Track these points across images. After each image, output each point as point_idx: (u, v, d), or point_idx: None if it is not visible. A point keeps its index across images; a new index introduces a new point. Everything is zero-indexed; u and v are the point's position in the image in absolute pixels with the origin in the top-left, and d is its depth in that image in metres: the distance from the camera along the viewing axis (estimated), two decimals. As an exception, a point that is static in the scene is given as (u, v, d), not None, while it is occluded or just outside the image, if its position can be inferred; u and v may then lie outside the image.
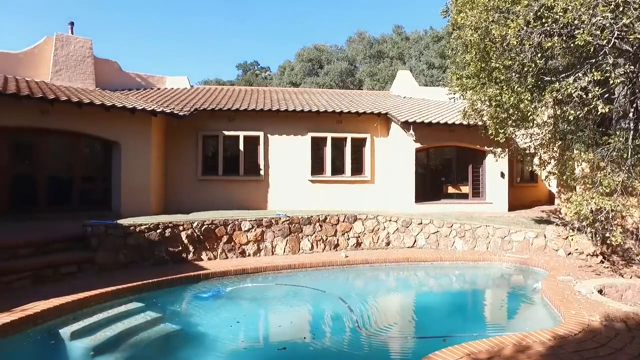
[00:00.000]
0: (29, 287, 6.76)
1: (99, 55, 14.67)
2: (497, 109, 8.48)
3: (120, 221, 8.70)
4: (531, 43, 6.96)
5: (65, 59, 13.69)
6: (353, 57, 38.80)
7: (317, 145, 13.81)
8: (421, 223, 11.04)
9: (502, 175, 13.47)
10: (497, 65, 7.61)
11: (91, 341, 5.19)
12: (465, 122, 11.69)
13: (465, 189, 14.04)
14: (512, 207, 13.74)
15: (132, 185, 11.22)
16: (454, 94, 9.85)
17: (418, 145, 13.13)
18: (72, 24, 14.49)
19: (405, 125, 12.55)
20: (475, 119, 10.52)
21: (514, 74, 7.85)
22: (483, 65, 8.11)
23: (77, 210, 10.91)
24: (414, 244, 10.94)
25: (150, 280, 7.32)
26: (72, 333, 5.31)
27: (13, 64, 12.95)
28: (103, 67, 14.71)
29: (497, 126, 9.09)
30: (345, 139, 13.90)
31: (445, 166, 14.86)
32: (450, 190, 14.28)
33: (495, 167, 13.33)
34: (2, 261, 6.75)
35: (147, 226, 8.56)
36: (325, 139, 13.76)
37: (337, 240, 10.52)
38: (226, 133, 13.17)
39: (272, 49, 67.59)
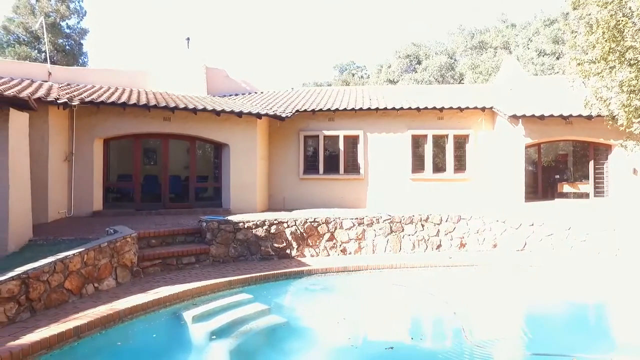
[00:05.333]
0: (159, 273, 7.63)
1: (207, 64, 15.99)
2: (631, 95, 7.43)
3: (230, 217, 9.36)
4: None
5: (182, 71, 15.19)
6: (453, 50, 37.07)
7: (417, 143, 13.47)
8: (532, 224, 10.14)
9: (635, 172, 11.78)
10: (633, 44, 6.66)
11: (209, 326, 5.65)
12: (586, 113, 10.46)
13: (585, 188, 12.61)
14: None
15: (240, 184, 12.03)
16: (573, 81, 8.88)
17: (528, 140, 12.11)
18: (188, 39, 16.03)
19: (513, 119, 11.66)
20: (600, 109, 9.36)
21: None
22: (613, 45, 7.17)
23: (192, 207, 12.02)
24: (524, 247, 10.10)
25: (258, 274, 7.75)
26: (193, 317, 5.82)
27: (138, 78, 14.69)
28: (212, 74, 15.96)
29: (631, 115, 7.97)
30: (447, 135, 13.35)
31: (559, 162, 13.55)
32: (566, 188, 12.93)
33: (623, 162, 11.74)
34: (140, 249, 7.69)
35: (255, 223, 9.09)
36: (425, 136, 13.36)
37: (440, 240, 10.14)
38: (326, 133, 13.46)
39: (368, 47, 67.52)
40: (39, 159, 9.52)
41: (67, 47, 28.47)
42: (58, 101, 9.90)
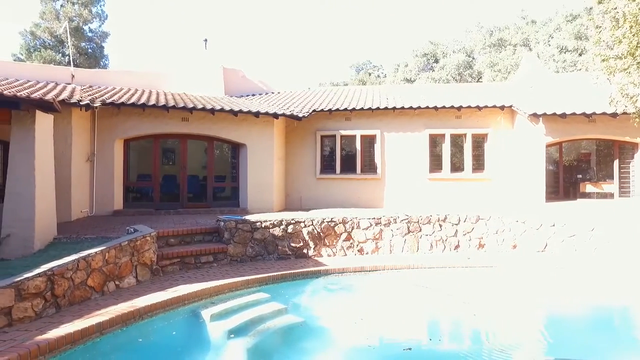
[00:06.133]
0: (177, 272, 7.74)
1: (225, 64, 16.14)
2: (660, 92, 7.21)
3: (247, 217, 9.43)
4: None
5: (200, 72, 15.36)
6: (471, 48, 36.58)
7: (435, 142, 13.35)
8: (554, 225, 9.94)
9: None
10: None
11: (227, 324, 5.70)
12: (611, 111, 10.20)
13: (609, 188, 12.29)
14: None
15: (257, 183, 12.12)
16: (597, 78, 8.66)
17: (549, 139, 11.87)
18: (205, 40, 16.21)
19: (534, 117, 11.44)
20: (626, 106, 9.11)
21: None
22: (642, 39, 6.96)
23: (210, 206, 12.15)
24: (544, 248, 9.90)
25: (275, 273, 7.78)
26: (211, 315, 5.89)
27: (157, 79, 14.91)
28: (230, 75, 16.11)
29: (660, 112, 7.72)
30: (465, 135, 13.19)
31: (581, 162, 13.24)
32: (589, 188, 12.62)
33: (649, 162, 11.41)
34: (159, 248, 7.81)
35: (272, 222, 9.13)
36: (443, 135, 13.23)
37: (458, 241, 10.02)
38: (343, 132, 13.45)
39: (384, 46, 67.19)
40: (62, 160, 9.77)
41: (89, 50, 29.12)
42: (81, 103, 10.13)
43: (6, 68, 13.35)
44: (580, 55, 26.61)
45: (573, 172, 13.20)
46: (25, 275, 5.13)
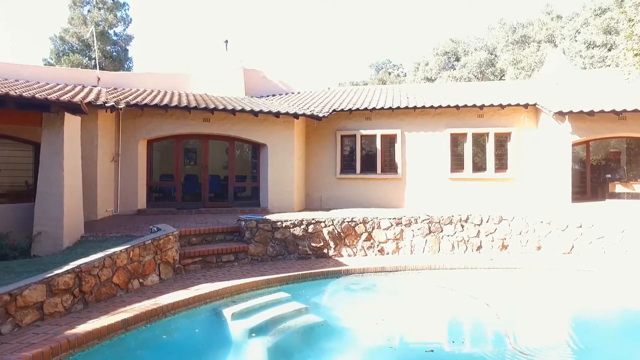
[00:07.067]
0: (199, 270, 7.85)
1: (245, 65, 16.29)
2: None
3: (268, 217, 9.49)
4: None
5: (221, 73, 15.54)
6: (493, 46, 35.91)
7: (456, 142, 13.16)
8: (581, 226, 9.66)
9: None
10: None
11: (248, 323, 5.75)
12: (641, 108, 9.86)
13: (640, 188, 11.88)
14: None
15: (278, 183, 12.19)
16: (629, 74, 8.37)
17: (575, 138, 11.56)
18: (226, 42, 16.39)
19: (559, 115, 11.15)
20: (658, 103, 8.78)
21: None
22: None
23: (231, 206, 12.28)
24: (571, 249, 9.64)
25: (295, 273, 7.80)
26: (232, 314, 5.94)
27: (179, 81, 15.16)
28: (250, 76, 16.24)
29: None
30: (487, 134, 12.97)
31: (610, 161, 12.85)
32: (619, 189, 12.22)
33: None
34: (181, 247, 7.94)
35: (292, 222, 9.16)
36: (464, 134, 13.03)
37: (480, 241, 9.86)
38: (363, 132, 13.40)
39: (404, 45, 66.62)
40: (89, 160, 10.03)
41: (114, 53, 29.87)
42: (106, 104, 10.39)
43: (38, 72, 13.94)
44: (609, 50, 25.77)
45: (601, 171, 12.83)
46: (55, 272, 5.30)
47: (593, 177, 12.59)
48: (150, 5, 59.26)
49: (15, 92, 7.59)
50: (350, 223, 9.53)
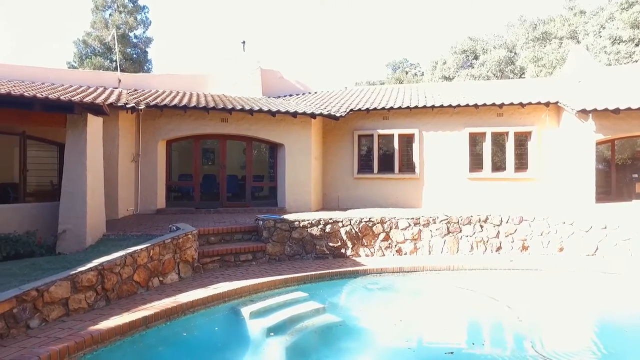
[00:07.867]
0: (217, 269, 7.93)
1: (262, 65, 16.37)
2: None
3: (286, 216, 9.52)
4: None
5: (239, 74, 15.66)
6: (513, 43, 35.30)
7: (475, 141, 12.98)
8: (605, 227, 9.41)
9: None
10: None
11: (266, 322, 5.78)
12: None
13: (668, 188, 11.51)
14: None
15: (295, 183, 12.23)
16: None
17: (599, 136, 11.27)
18: (244, 42, 16.52)
19: (582, 114, 10.89)
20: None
21: None
22: None
23: (249, 205, 12.37)
24: (595, 251, 9.40)
25: (313, 273, 7.81)
26: (250, 313, 5.98)
27: (198, 82, 15.33)
28: (267, 76, 16.32)
29: None
30: (507, 133, 12.75)
31: (637, 160, 12.48)
32: (646, 189, 11.88)
33: None
34: (200, 246, 8.04)
35: (310, 222, 9.17)
36: (483, 134, 12.85)
37: (500, 242, 9.70)
38: (380, 132, 13.33)
39: (421, 44, 66.02)
40: (110, 160, 10.23)
41: (135, 55, 30.43)
42: (127, 106, 10.58)
43: (62, 75, 14.44)
44: (637, 45, 25.01)
45: (627, 171, 12.48)
46: (79, 269, 5.43)
47: (618, 177, 12.27)
48: (168, 8, 60.17)
49: (42, 95, 7.80)
50: (367, 223, 9.49)
